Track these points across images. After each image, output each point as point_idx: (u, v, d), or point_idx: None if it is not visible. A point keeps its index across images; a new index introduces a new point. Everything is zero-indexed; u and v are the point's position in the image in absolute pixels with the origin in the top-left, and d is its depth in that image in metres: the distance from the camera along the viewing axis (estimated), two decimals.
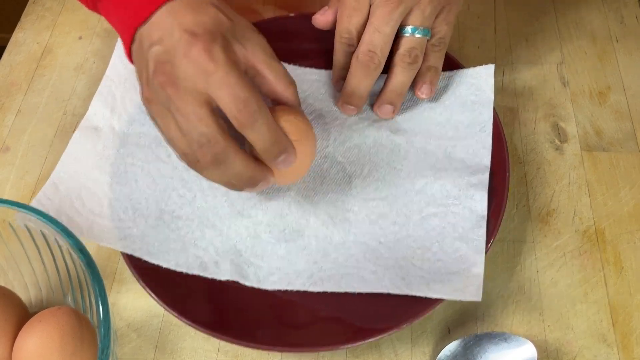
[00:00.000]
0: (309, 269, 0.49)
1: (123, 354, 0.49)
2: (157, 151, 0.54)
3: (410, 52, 0.52)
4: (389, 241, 0.49)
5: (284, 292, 0.48)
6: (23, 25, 0.69)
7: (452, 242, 0.48)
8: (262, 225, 0.51)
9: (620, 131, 0.57)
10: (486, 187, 0.50)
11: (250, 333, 0.46)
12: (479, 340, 0.46)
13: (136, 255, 0.48)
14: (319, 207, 0.52)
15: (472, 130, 0.54)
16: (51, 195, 0.51)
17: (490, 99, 0.55)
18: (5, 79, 0.65)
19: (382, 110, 0.55)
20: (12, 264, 0.48)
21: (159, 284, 0.48)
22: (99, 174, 0.53)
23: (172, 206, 0.52)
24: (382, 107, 0.54)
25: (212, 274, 0.48)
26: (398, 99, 0.54)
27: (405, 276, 0.47)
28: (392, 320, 0.45)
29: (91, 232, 0.49)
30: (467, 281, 0.46)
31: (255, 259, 0.49)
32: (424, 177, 0.52)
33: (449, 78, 0.57)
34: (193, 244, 0.50)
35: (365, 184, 0.53)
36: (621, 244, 0.51)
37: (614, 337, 0.47)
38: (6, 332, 0.44)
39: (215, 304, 0.48)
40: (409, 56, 0.52)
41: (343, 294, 0.47)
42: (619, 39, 0.63)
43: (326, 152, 0.54)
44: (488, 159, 0.52)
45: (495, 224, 0.48)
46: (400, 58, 0.52)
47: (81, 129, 0.55)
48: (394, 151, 0.54)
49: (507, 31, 0.65)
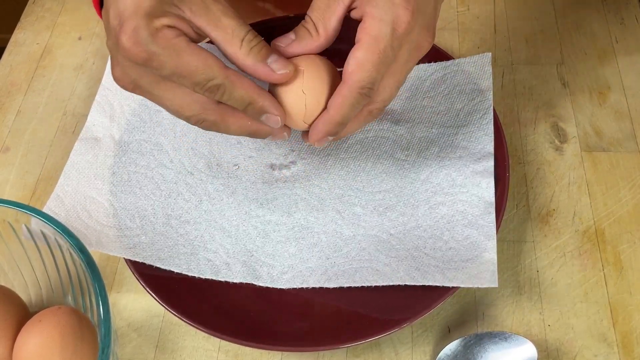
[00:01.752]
0: (322, 265, 0.49)
1: (123, 353, 0.49)
2: (159, 157, 0.54)
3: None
4: (399, 232, 0.50)
5: (284, 292, 0.48)
6: (23, 26, 0.69)
7: (463, 230, 0.48)
8: (271, 225, 0.51)
9: (620, 131, 0.57)
10: (492, 173, 0.50)
11: (250, 332, 0.46)
12: (479, 339, 0.46)
13: (147, 262, 0.48)
14: (326, 203, 0.52)
15: (473, 117, 0.54)
16: (56, 209, 0.51)
17: (489, 87, 0.55)
18: (5, 79, 0.65)
19: (322, 142, 0.45)
20: (12, 264, 0.48)
21: (159, 283, 0.48)
22: (102, 184, 0.53)
23: (179, 211, 0.52)
24: (324, 140, 0.45)
25: (224, 276, 0.48)
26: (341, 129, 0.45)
27: (419, 266, 0.47)
28: (393, 319, 0.45)
29: (100, 243, 0.49)
30: (481, 267, 0.46)
31: (267, 259, 0.49)
32: (429, 167, 0.52)
33: (446, 68, 0.57)
34: (203, 247, 0.50)
35: (370, 177, 0.53)
36: (621, 244, 0.51)
37: (614, 336, 0.47)
38: (6, 332, 0.44)
39: (216, 303, 0.48)
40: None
41: (343, 293, 0.47)
42: (619, 39, 0.63)
43: (328, 150, 0.55)
44: (491, 146, 0.52)
45: (495, 224, 0.48)
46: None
47: (81, 141, 0.55)
48: (397, 142, 0.54)
49: (507, 31, 0.65)
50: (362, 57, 0.41)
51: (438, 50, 0.58)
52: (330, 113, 0.43)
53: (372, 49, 0.40)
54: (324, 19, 0.43)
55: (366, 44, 0.41)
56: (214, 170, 0.54)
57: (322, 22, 0.43)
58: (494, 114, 0.54)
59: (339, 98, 0.42)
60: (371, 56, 0.41)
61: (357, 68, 0.41)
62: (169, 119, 0.56)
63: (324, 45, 0.43)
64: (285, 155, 0.55)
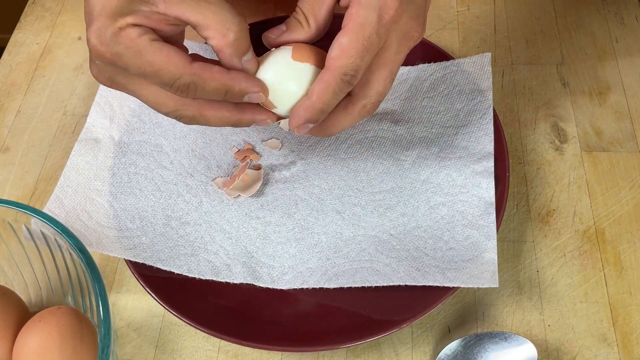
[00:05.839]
0: (322, 265, 0.49)
1: (123, 353, 0.49)
2: (159, 158, 0.54)
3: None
4: (399, 233, 0.50)
5: (285, 292, 0.48)
6: (23, 26, 0.69)
7: (463, 230, 0.48)
8: (271, 226, 0.51)
9: (620, 131, 0.57)
10: (492, 174, 0.50)
11: (250, 332, 0.46)
12: (479, 339, 0.46)
13: (147, 263, 0.48)
14: (326, 204, 0.52)
15: (473, 117, 0.54)
16: (56, 210, 0.51)
17: (489, 87, 0.55)
18: (5, 79, 0.65)
19: (302, 129, 0.43)
20: (12, 264, 0.48)
21: (159, 284, 0.48)
22: (102, 185, 0.53)
23: (179, 212, 0.52)
24: (304, 127, 0.43)
25: (225, 277, 0.48)
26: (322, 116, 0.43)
27: (419, 267, 0.47)
28: (393, 319, 0.45)
29: (100, 244, 0.49)
30: (481, 267, 0.46)
31: (267, 260, 0.49)
32: (429, 167, 0.52)
33: (446, 68, 0.57)
34: (203, 248, 0.50)
35: (370, 178, 0.53)
36: (621, 244, 0.51)
37: (614, 336, 0.47)
38: (6, 332, 0.44)
39: (216, 303, 0.48)
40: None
41: (343, 293, 0.47)
42: (619, 39, 0.63)
43: (328, 151, 0.55)
44: (491, 146, 0.52)
45: (495, 224, 0.48)
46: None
47: (81, 142, 0.55)
48: (396, 142, 0.54)
49: (507, 31, 0.65)
50: (346, 43, 0.39)
51: (438, 50, 0.58)
52: (311, 99, 0.41)
53: (357, 35, 0.39)
54: (313, 10, 0.42)
55: (351, 30, 0.39)
56: (213, 172, 0.54)
57: (312, 13, 0.42)
58: (494, 114, 0.54)
59: (320, 84, 0.40)
60: (355, 42, 0.39)
61: (340, 53, 0.40)
62: (168, 121, 0.56)
63: (315, 36, 0.43)
64: (285, 155, 0.55)
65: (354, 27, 0.39)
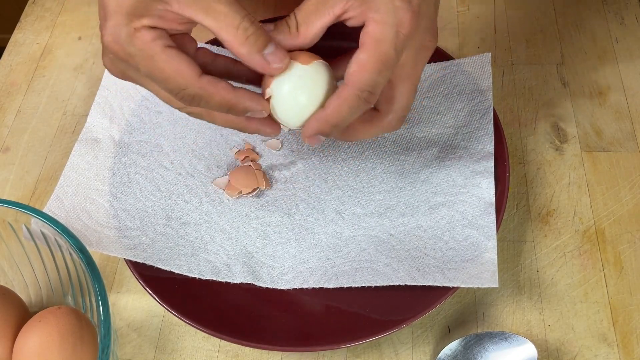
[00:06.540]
0: (322, 265, 0.49)
1: (123, 353, 0.49)
2: (159, 159, 0.54)
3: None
4: (399, 233, 0.50)
5: (285, 292, 0.48)
6: (23, 26, 0.69)
7: (463, 230, 0.48)
8: (271, 226, 0.51)
9: (620, 131, 0.57)
10: (492, 174, 0.50)
11: (250, 332, 0.46)
12: (480, 339, 0.46)
13: (148, 263, 0.48)
14: (326, 204, 0.52)
15: (473, 117, 0.54)
16: (56, 210, 0.51)
17: (489, 87, 0.55)
18: (5, 79, 0.65)
19: (314, 140, 0.43)
20: (12, 264, 0.48)
21: (159, 284, 0.48)
22: (102, 185, 0.53)
23: (179, 212, 0.52)
24: (316, 139, 0.43)
25: (225, 277, 0.48)
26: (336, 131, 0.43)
27: (419, 267, 0.47)
28: (393, 319, 0.45)
29: (100, 244, 0.49)
30: (481, 267, 0.46)
31: (267, 260, 0.49)
32: (429, 167, 0.52)
33: (446, 68, 0.57)
34: (203, 248, 0.50)
35: (370, 178, 0.53)
36: (621, 244, 0.51)
37: (614, 336, 0.47)
38: (6, 332, 0.44)
39: (216, 303, 0.48)
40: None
41: (343, 293, 0.47)
42: (619, 39, 0.63)
43: (328, 151, 0.55)
44: (491, 146, 0.52)
45: (495, 224, 0.48)
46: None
47: (81, 142, 0.55)
48: (396, 142, 0.54)
49: (507, 31, 0.65)
50: (364, 59, 0.40)
51: (438, 50, 0.58)
52: (326, 112, 0.42)
53: (375, 51, 0.40)
54: (308, 20, 0.42)
55: (369, 47, 0.40)
56: (214, 172, 0.54)
57: (306, 23, 0.42)
58: (494, 114, 0.54)
59: (337, 99, 0.41)
60: (373, 58, 0.40)
61: (358, 69, 0.40)
62: (168, 121, 0.56)
63: (300, 45, 0.42)
64: (285, 155, 0.55)
65: (371, 44, 0.40)
